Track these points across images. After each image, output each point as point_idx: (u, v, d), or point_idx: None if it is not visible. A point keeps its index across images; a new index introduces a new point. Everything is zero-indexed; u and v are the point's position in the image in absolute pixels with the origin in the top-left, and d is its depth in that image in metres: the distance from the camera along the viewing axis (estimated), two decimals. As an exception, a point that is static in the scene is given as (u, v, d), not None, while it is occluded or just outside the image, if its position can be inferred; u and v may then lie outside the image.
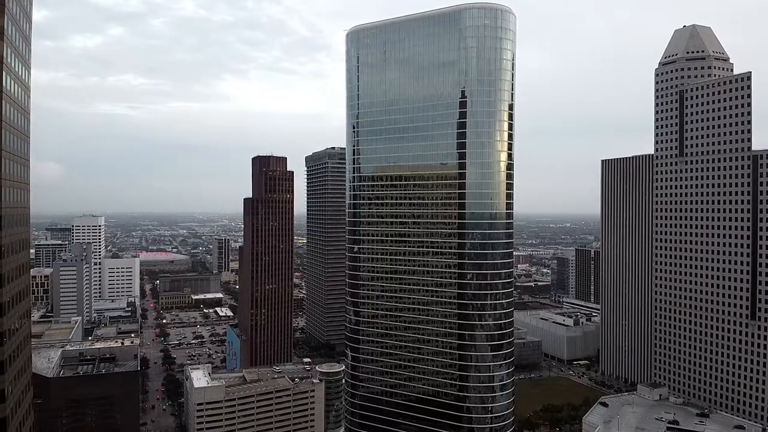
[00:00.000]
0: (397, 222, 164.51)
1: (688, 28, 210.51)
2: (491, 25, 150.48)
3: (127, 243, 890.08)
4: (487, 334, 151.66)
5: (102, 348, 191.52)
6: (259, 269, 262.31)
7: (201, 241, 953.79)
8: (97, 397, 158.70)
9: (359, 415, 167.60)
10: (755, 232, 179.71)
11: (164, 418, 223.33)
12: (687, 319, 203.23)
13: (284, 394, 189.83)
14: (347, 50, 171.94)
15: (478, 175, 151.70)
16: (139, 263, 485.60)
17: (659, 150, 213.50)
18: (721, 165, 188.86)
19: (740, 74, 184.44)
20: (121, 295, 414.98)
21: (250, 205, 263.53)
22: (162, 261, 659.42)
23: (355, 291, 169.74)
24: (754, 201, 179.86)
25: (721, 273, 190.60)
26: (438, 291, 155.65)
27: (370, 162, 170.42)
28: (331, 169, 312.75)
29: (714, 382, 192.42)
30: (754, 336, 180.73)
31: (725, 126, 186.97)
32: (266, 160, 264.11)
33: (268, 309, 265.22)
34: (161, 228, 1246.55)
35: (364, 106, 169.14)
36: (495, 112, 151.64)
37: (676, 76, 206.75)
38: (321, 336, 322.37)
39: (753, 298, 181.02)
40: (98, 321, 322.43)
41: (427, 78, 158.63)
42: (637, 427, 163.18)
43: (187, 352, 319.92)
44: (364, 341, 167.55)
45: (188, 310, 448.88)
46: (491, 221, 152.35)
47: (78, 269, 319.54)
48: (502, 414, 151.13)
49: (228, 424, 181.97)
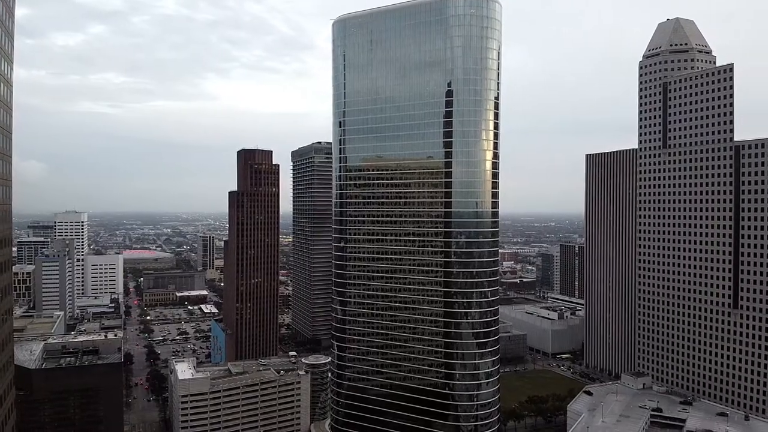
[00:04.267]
0: (383, 218, 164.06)
1: (672, 22, 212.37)
2: (477, 14, 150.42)
3: (111, 241, 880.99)
4: (473, 329, 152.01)
5: (85, 341, 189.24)
6: (244, 263, 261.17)
7: (185, 240, 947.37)
8: (79, 388, 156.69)
9: (345, 405, 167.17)
10: (737, 222, 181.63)
11: (148, 412, 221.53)
12: (670, 309, 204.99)
13: (270, 386, 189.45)
14: (333, 40, 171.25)
15: (464, 172, 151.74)
16: (123, 261, 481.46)
17: (643, 142, 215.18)
18: (704, 156, 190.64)
19: (723, 66, 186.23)
20: (104, 292, 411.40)
21: (235, 199, 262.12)
22: (146, 259, 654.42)
23: (342, 282, 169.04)
24: (736, 191, 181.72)
25: (704, 263, 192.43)
26: (425, 286, 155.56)
27: (357, 159, 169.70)
28: (317, 164, 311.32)
29: (697, 371, 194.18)
30: (736, 325, 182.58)
31: (708, 117, 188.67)
32: (251, 153, 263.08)
33: (253, 303, 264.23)
34: (145, 227, 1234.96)
35: (351, 95, 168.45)
36: (481, 109, 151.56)
37: (659, 69, 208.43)
38: (307, 331, 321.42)
39: (735, 287, 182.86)
40: (81, 317, 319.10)
41: (413, 71, 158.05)
42: (621, 414, 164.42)
43: (172, 347, 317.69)
44: (350, 332, 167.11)
45: (172, 307, 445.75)
46: (477, 218, 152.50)
47: (60, 265, 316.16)
48: (487, 402, 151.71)
49: (213, 417, 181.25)
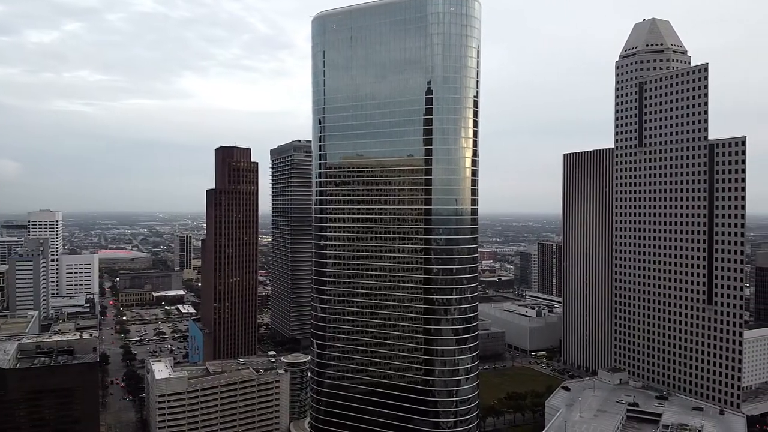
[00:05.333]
0: (363, 214, 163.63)
1: (648, 22, 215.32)
2: (456, 12, 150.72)
3: (86, 241, 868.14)
4: (452, 326, 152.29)
5: (60, 341, 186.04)
6: (222, 262, 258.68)
7: (162, 240, 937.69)
8: (55, 388, 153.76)
9: (325, 403, 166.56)
10: (711, 219, 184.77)
11: (125, 412, 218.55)
12: (646, 306, 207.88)
13: (249, 385, 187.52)
14: (312, 36, 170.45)
15: (444, 170, 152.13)
16: (98, 260, 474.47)
17: (619, 141, 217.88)
18: (679, 154, 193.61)
19: (698, 66, 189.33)
20: (79, 292, 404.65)
21: (213, 197, 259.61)
22: (122, 259, 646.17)
23: (322, 280, 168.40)
24: (710, 189, 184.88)
25: (679, 260, 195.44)
26: (405, 283, 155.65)
27: (336, 158, 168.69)
28: (296, 162, 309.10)
29: (672, 366, 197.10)
30: (711, 320, 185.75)
31: (683, 116, 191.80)
32: (230, 151, 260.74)
33: (231, 302, 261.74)
34: (121, 227, 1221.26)
35: (330, 93, 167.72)
36: (460, 107, 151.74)
37: (635, 68, 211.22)
38: (286, 331, 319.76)
39: (709, 283, 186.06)
40: (56, 317, 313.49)
41: (393, 69, 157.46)
42: (599, 409, 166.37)
43: (148, 348, 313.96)
44: (330, 330, 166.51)
45: (149, 307, 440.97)
46: (457, 214, 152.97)
47: (35, 264, 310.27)
48: (466, 399, 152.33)
49: (191, 417, 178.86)
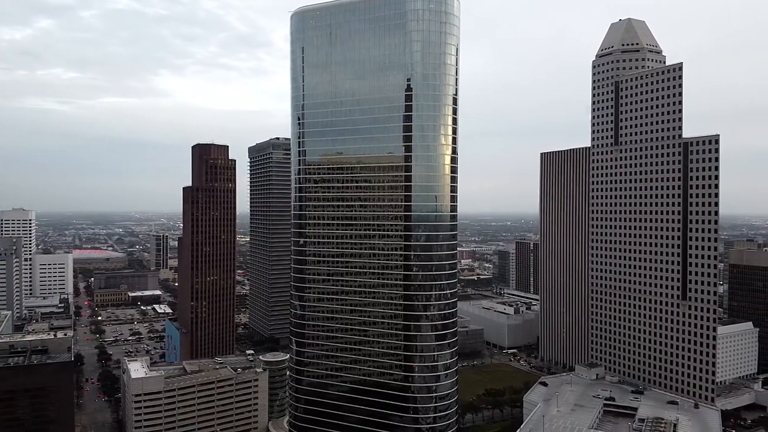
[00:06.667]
0: (343, 211, 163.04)
1: (624, 22, 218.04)
2: (435, 9, 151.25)
3: (60, 241, 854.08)
4: (432, 322, 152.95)
5: (33, 340, 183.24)
6: (199, 260, 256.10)
7: (138, 240, 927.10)
8: (29, 388, 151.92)
9: (304, 401, 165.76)
10: (685, 216, 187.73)
11: (100, 413, 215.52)
12: (622, 302, 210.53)
13: (226, 384, 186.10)
14: (292, 32, 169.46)
15: (424, 167, 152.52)
16: (73, 260, 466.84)
17: (595, 139, 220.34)
18: (654, 152, 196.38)
19: (672, 65, 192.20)
20: (53, 292, 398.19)
21: (189, 194, 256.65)
22: (97, 258, 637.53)
23: (301, 277, 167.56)
24: (684, 186, 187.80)
25: (654, 256, 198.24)
26: (385, 280, 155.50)
27: (316, 155, 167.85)
28: (275, 160, 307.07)
29: (648, 361, 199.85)
30: (685, 316, 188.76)
31: (658, 115, 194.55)
32: (207, 148, 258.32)
33: (209, 301, 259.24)
34: (96, 227, 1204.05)
35: (309, 90, 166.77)
36: (440, 104, 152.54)
37: (611, 68, 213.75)
38: (264, 330, 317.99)
39: (684, 279, 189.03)
40: (29, 317, 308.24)
41: (372, 66, 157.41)
42: (576, 404, 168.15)
43: (124, 348, 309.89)
44: (309, 327, 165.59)
45: (125, 307, 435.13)
46: (436, 212, 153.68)
47: (7, 264, 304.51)
48: (446, 395, 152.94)
49: (168, 416, 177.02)
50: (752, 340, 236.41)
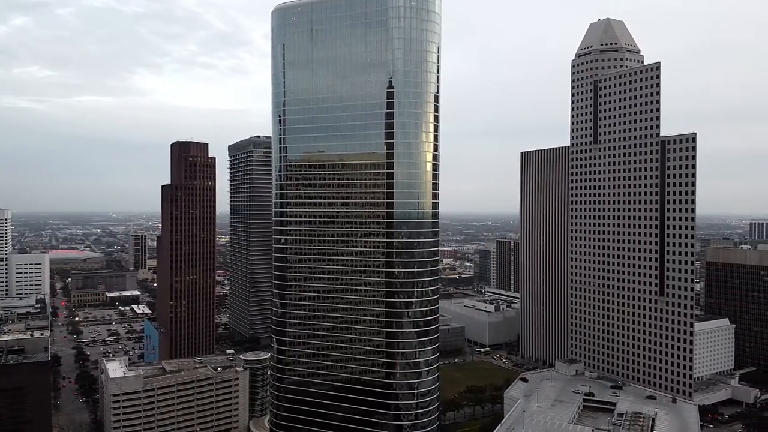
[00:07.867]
0: (324, 212, 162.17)
1: (603, 22, 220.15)
2: (417, 7, 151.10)
3: (36, 241, 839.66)
4: (413, 320, 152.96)
5: (9, 340, 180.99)
6: (178, 259, 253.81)
7: (116, 240, 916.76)
8: (5, 388, 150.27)
9: (285, 400, 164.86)
10: (663, 213, 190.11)
11: (78, 414, 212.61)
12: (600, 298, 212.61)
13: (206, 384, 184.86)
14: (272, 29, 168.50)
15: (406, 165, 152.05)
16: (49, 260, 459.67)
17: (575, 138, 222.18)
18: (632, 151, 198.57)
19: (650, 64, 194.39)
20: (29, 293, 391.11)
21: (168, 192, 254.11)
22: (74, 259, 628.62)
23: (282, 276, 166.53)
24: (662, 184, 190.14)
25: (632, 253, 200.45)
26: (366, 280, 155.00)
27: (297, 154, 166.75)
28: (256, 159, 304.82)
29: (626, 357, 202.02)
30: (663, 311, 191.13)
31: (636, 113, 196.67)
32: (186, 145, 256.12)
33: (188, 301, 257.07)
34: (73, 227, 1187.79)
35: (290, 88, 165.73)
36: (421, 101, 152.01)
37: (590, 67, 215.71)
38: (245, 330, 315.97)
39: (661, 275, 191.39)
40: (5, 318, 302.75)
41: (354, 65, 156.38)
42: (556, 399, 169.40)
43: (102, 349, 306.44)
44: (290, 325, 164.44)
45: (103, 308, 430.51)
46: (418, 210, 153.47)
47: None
48: (427, 391, 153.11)
49: (147, 416, 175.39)
50: (729, 337, 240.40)
